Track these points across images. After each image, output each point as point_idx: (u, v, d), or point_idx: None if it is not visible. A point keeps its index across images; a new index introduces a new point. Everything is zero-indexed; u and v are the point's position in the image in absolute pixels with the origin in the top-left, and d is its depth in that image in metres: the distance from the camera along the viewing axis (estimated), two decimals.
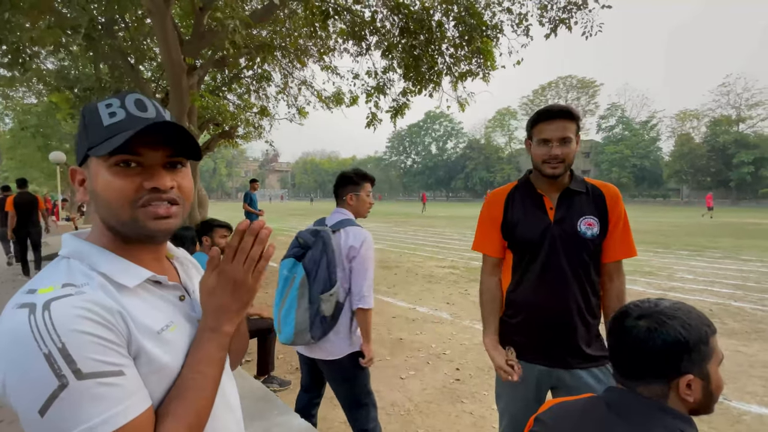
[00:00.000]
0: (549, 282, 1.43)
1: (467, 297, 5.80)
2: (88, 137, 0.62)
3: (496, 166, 59.98)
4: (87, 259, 0.62)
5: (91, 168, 0.63)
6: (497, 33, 5.54)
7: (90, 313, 0.54)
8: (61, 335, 0.51)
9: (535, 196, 1.49)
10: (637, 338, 0.76)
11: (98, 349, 0.53)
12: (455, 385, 3.17)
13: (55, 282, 0.57)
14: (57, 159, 14.10)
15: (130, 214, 0.61)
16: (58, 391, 0.50)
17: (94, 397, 0.52)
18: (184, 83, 4.52)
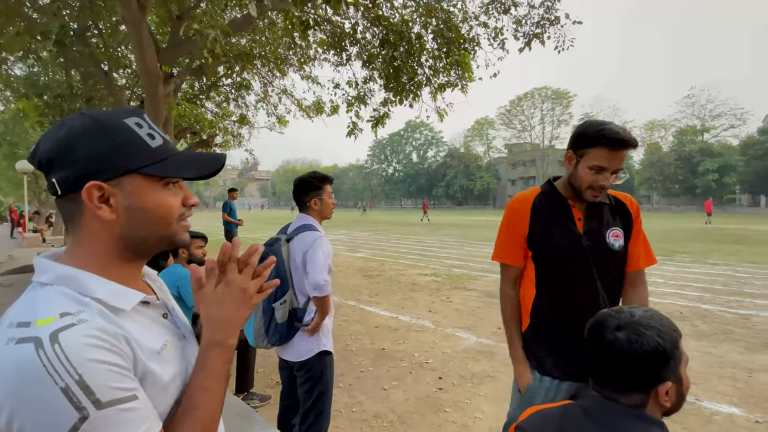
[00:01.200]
0: (580, 294, 1.38)
1: (449, 305, 5.83)
2: (131, 155, 0.61)
3: (475, 174, 61.01)
4: (76, 285, 0.59)
5: (130, 185, 0.62)
6: (474, 46, 5.68)
7: (100, 340, 0.53)
8: (77, 367, 0.50)
9: (563, 206, 1.44)
10: (619, 351, 0.77)
11: (113, 377, 0.53)
12: (438, 394, 3.17)
13: (51, 312, 0.54)
14: (24, 168, 13.51)
15: (175, 228, 0.66)
16: (79, 424, 0.49)
17: (117, 424, 0.52)
18: (161, 91, 4.43)
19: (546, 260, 1.44)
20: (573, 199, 1.43)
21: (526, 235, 1.46)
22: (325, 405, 2.04)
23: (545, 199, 1.48)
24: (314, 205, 2.08)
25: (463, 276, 7.97)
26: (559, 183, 1.49)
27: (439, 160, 69.27)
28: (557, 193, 1.46)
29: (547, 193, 1.49)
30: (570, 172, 1.40)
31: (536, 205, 1.47)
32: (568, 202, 1.44)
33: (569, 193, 1.44)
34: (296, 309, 2.00)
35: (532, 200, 1.48)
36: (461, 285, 7.13)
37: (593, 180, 1.31)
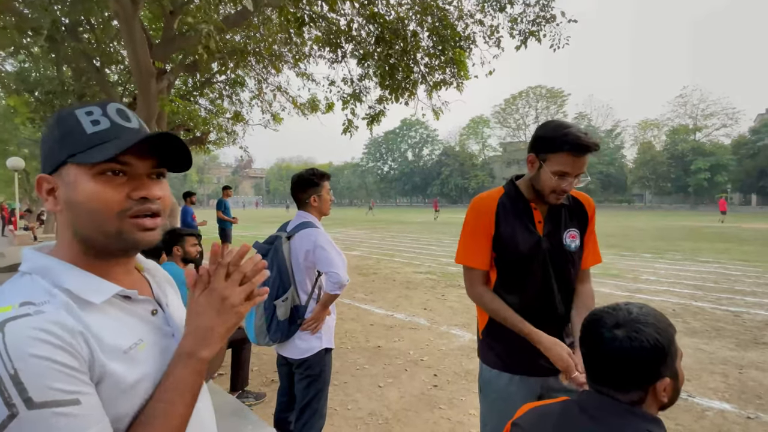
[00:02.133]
0: (538, 295, 1.40)
1: (444, 302, 5.84)
2: (66, 144, 0.58)
3: (470, 172, 61.16)
4: (50, 274, 0.58)
5: (66, 176, 0.58)
6: (470, 44, 5.68)
7: (48, 335, 0.50)
8: (14, 360, 0.47)
9: (525, 208, 1.43)
10: (618, 349, 0.76)
11: (54, 375, 0.49)
12: (433, 392, 3.18)
13: (14, 300, 0.53)
14: (15, 165, 13.33)
15: (117, 225, 0.59)
16: (7, 421, 0.46)
17: (49, 427, 0.48)
18: (153, 88, 4.38)
19: (508, 262, 1.43)
20: (535, 200, 1.43)
21: (491, 237, 1.42)
22: (320, 403, 2.04)
23: (509, 200, 1.45)
24: (313, 202, 2.08)
25: (457, 274, 7.99)
26: (522, 183, 1.47)
27: (434, 158, 69.33)
28: (520, 195, 1.45)
29: (510, 194, 1.46)
30: (533, 175, 1.38)
31: (501, 206, 1.44)
32: (530, 204, 1.43)
33: (531, 195, 1.43)
34: (297, 306, 2.00)
35: (497, 201, 1.45)
36: (456, 283, 7.15)
37: (556, 185, 1.31)
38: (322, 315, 1.99)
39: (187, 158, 0.65)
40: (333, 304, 2.06)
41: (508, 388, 1.43)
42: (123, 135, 0.59)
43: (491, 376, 1.48)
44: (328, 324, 2.07)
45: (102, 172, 0.58)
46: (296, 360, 2.01)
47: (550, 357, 1.29)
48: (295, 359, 2.01)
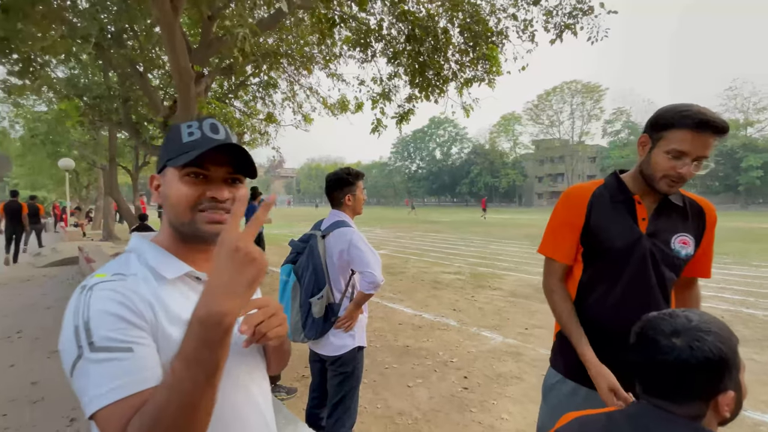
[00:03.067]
0: (633, 299, 1.25)
1: (474, 303, 5.75)
2: (167, 150, 0.74)
3: (501, 171, 59.89)
4: (141, 253, 0.73)
5: (166, 176, 0.73)
6: (502, 39, 5.55)
7: (119, 296, 0.62)
8: (90, 312, 0.60)
9: (627, 201, 1.28)
10: (678, 359, 0.71)
11: (114, 327, 0.60)
12: (463, 394, 3.14)
13: (110, 270, 0.68)
14: (66, 165, 14.22)
15: (190, 216, 0.71)
16: (77, 360, 0.58)
17: (102, 367, 0.58)
18: (192, 91, 4.55)
19: (598, 259, 1.30)
20: (642, 194, 1.27)
21: (581, 229, 1.31)
22: (353, 400, 2.05)
23: (608, 191, 1.31)
24: (348, 201, 2.09)
25: (487, 275, 7.85)
26: (627, 176, 1.33)
27: (463, 156, 68.37)
28: (623, 186, 1.30)
29: (611, 185, 1.32)
30: (642, 160, 1.24)
31: (596, 197, 1.31)
32: (633, 197, 1.28)
33: (638, 188, 1.28)
34: (332, 304, 2.02)
35: (592, 191, 1.32)
36: (486, 284, 7.02)
37: (670, 167, 1.14)
38: (355, 314, 2.00)
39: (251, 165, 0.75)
40: (365, 303, 2.07)
41: (572, 398, 1.33)
42: (208, 145, 0.70)
43: (556, 381, 1.40)
44: (361, 322, 2.08)
45: (187, 174, 0.71)
46: (330, 357, 2.03)
47: (596, 380, 1.22)
48: (329, 356, 2.03)
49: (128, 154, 14.11)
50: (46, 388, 3.29)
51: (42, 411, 2.95)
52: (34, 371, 3.61)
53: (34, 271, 8.77)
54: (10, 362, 3.78)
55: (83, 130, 10.80)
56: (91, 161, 14.80)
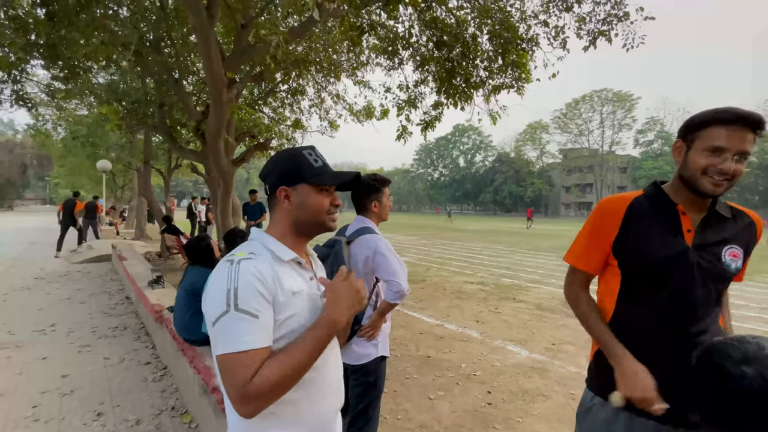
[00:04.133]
0: (677, 318, 1.17)
1: (498, 316, 5.60)
2: (304, 171, 1.00)
3: (526, 180, 58.80)
4: (263, 241, 0.99)
5: (301, 190, 1.00)
6: (533, 46, 5.45)
7: (258, 272, 0.87)
8: (239, 281, 0.85)
9: (670, 211, 1.20)
10: (750, 389, 0.64)
11: (253, 296, 0.85)
12: (487, 410, 3.03)
13: (245, 251, 0.94)
14: (103, 167, 14.90)
15: (323, 217, 1.02)
16: (223, 314, 0.83)
17: (238, 324, 0.83)
18: (225, 97, 4.68)
19: (638, 273, 1.22)
20: (686, 204, 1.20)
21: (612, 240, 1.25)
22: (375, 411, 2.01)
23: (648, 202, 1.24)
24: (374, 208, 2.06)
25: (512, 286, 7.65)
26: (668, 186, 1.26)
27: (487, 165, 67.61)
28: (664, 197, 1.22)
29: (652, 195, 1.25)
30: (680, 165, 1.18)
31: (634, 208, 1.23)
32: (677, 207, 1.20)
33: (681, 197, 1.20)
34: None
35: (630, 201, 1.25)
36: (510, 296, 6.84)
37: (710, 163, 1.09)
38: (379, 323, 1.97)
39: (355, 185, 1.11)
40: (389, 312, 2.03)
41: (611, 426, 1.23)
42: (327, 170, 1.03)
43: (594, 404, 1.29)
44: (384, 332, 2.04)
45: (320, 189, 1.01)
46: (352, 366, 1.99)
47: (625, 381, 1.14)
48: (351, 365, 2.00)
49: (162, 157, 14.65)
50: (76, 382, 3.40)
51: (71, 404, 3.04)
52: (65, 365, 3.74)
53: (70, 267, 9.17)
54: (42, 355, 3.93)
55: (121, 134, 11.29)
56: (127, 163, 15.44)
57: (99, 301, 6.09)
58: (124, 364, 3.75)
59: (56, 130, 15.86)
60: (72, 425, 2.76)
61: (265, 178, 1.04)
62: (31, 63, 5.97)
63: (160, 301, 4.18)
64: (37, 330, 4.69)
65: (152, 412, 2.92)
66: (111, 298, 6.30)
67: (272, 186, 1.02)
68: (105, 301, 6.10)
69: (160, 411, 2.93)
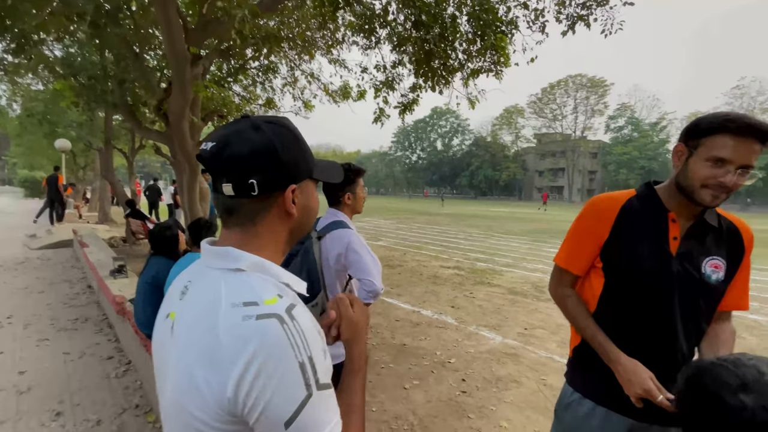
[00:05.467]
0: (652, 325, 1.16)
1: (472, 301, 5.66)
2: (309, 162, 0.71)
3: (502, 164, 59.58)
4: (268, 271, 0.64)
5: (306, 187, 0.71)
6: (512, 29, 5.34)
7: (315, 324, 0.60)
8: (310, 345, 0.55)
9: (660, 217, 1.17)
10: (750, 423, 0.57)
11: (325, 361, 0.58)
12: (461, 398, 3.05)
13: (271, 294, 0.58)
14: (62, 146, 13.98)
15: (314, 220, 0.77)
16: (305, 401, 0.53)
17: (326, 407, 0.56)
18: (188, 74, 4.36)
19: (621, 279, 1.20)
20: (678, 210, 1.16)
21: (602, 243, 1.21)
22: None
23: (640, 204, 1.19)
24: (347, 200, 1.94)
25: (487, 270, 7.75)
26: (662, 188, 1.21)
27: (464, 148, 67.96)
28: (656, 200, 1.19)
29: (644, 197, 1.20)
30: (678, 171, 1.12)
31: (626, 210, 1.19)
32: (667, 213, 1.16)
33: (673, 203, 1.16)
34: (327, 312, 1.89)
35: (623, 203, 1.20)
36: (485, 280, 6.93)
37: (710, 175, 1.03)
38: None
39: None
40: None
41: (588, 420, 1.24)
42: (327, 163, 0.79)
43: (572, 400, 1.30)
44: None
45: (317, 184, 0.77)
46: None
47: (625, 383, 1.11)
48: None
49: (124, 137, 13.86)
50: (33, 379, 3.20)
51: (28, 403, 2.86)
52: (22, 360, 3.52)
53: (29, 253, 8.65)
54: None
55: (79, 112, 10.56)
56: (87, 142, 14.55)
57: (59, 290, 5.76)
58: (84, 359, 3.56)
59: (11, 107, 14.70)
60: (29, 426, 2.60)
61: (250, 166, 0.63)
62: None
63: (123, 291, 3.96)
64: None
65: (115, 411, 2.77)
66: (72, 287, 5.97)
67: (272, 183, 0.64)
68: (65, 290, 5.77)
69: (123, 410, 2.79)
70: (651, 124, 52.86)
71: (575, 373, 1.34)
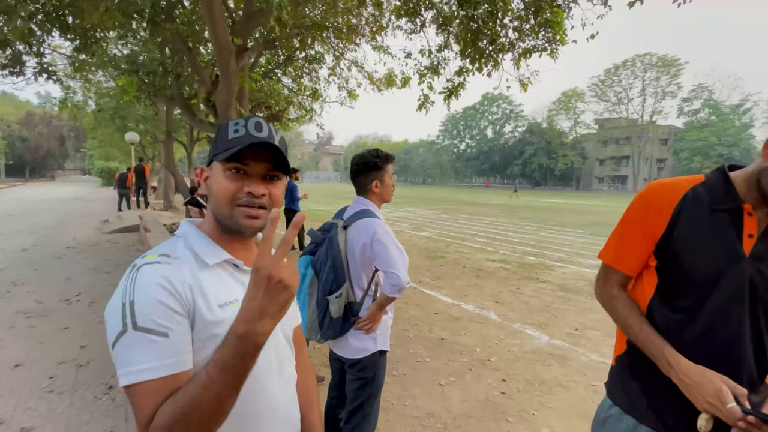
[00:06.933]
0: (712, 341, 0.95)
1: (518, 296, 5.36)
2: (216, 146, 0.79)
3: (558, 152, 56.31)
4: (187, 239, 0.79)
5: (213, 170, 0.80)
6: (569, 2, 4.87)
7: (164, 281, 0.68)
8: (135, 293, 0.66)
9: (733, 209, 0.96)
10: None
11: (156, 311, 0.66)
12: (500, 399, 2.86)
13: (158, 252, 0.75)
14: (131, 139, 15.22)
15: (229, 210, 0.77)
16: (120, 335, 0.65)
17: (141, 346, 0.64)
18: (233, 65, 4.46)
19: (677, 282, 1.00)
20: (755, 203, 0.95)
21: (658, 238, 1.01)
22: (372, 408, 1.87)
23: (707, 193, 0.98)
24: (375, 188, 1.84)
25: (536, 265, 7.33)
26: (739, 176, 0.98)
27: (517, 135, 64.98)
28: (729, 189, 0.97)
29: (714, 185, 0.99)
30: (764, 167, 0.92)
31: (688, 199, 0.98)
32: (743, 206, 0.95)
33: (752, 195, 0.95)
34: (352, 303, 1.81)
35: (685, 191, 0.99)
36: (534, 275, 6.55)
37: None
38: (377, 316, 1.78)
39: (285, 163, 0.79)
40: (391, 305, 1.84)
41: None
42: (249, 142, 0.75)
43: (611, 415, 1.13)
44: (385, 324, 1.86)
45: (229, 168, 0.76)
46: (349, 360, 1.84)
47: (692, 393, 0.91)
48: (348, 359, 1.84)
49: (183, 129, 14.76)
50: (93, 353, 3.47)
51: (85, 375, 3.10)
52: (85, 335, 3.83)
53: (101, 237, 9.52)
54: (65, 324, 4.04)
55: (145, 106, 11.35)
56: (153, 135, 15.69)
57: (123, 271, 6.21)
58: None
59: (87, 103, 16.18)
60: (83, 398, 2.81)
61: None
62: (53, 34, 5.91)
63: None
64: (63, 299, 4.84)
65: None
66: None
67: None
68: None
69: None
70: (732, 107, 47.28)
71: (616, 384, 1.16)
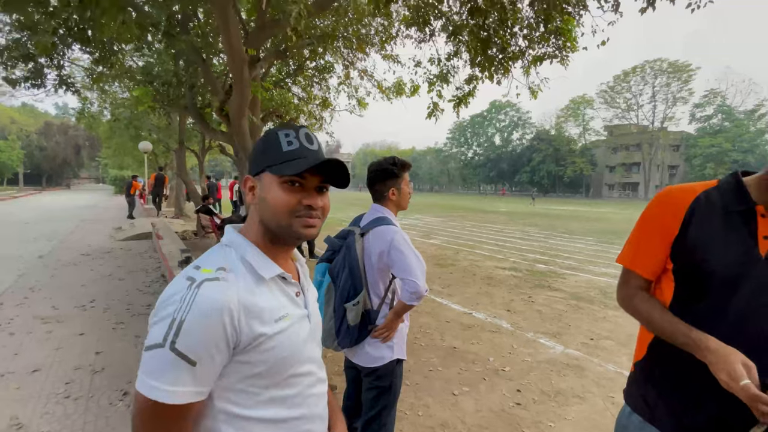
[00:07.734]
0: (735, 340, 0.92)
1: (531, 305, 5.29)
2: (267, 157, 0.79)
3: (567, 159, 55.85)
4: (239, 248, 0.79)
5: (263, 180, 0.79)
6: (580, 9, 4.87)
7: (225, 313, 0.68)
8: (189, 314, 0.66)
9: (746, 211, 0.96)
10: None
11: (201, 338, 0.66)
12: (515, 410, 2.82)
13: (214, 265, 0.74)
14: (145, 148, 15.53)
15: (288, 221, 0.78)
16: (155, 346, 0.66)
17: (170, 367, 0.65)
18: (246, 74, 4.54)
19: (693, 285, 0.99)
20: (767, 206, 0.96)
21: (673, 240, 1.01)
22: (389, 417, 1.85)
23: (720, 196, 0.99)
24: (392, 196, 1.85)
25: (547, 273, 7.25)
26: (753, 180, 0.99)
27: (524, 143, 64.70)
28: (742, 192, 0.98)
29: (727, 189, 1.00)
30: None
31: (700, 202, 0.99)
32: (756, 207, 0.95)
33: (765, 197, 0.95)
34: (369, 311, 1.80)
35: (697, 194, 1.01)
36: (545, 283, 6.47)
37: None
38: (395, 324, 1.78)
39: (346, 178, 0.82)
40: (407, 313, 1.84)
41: None
42: (306, 155, 0.77)
43: (630, 423, 1.11)
44: (402, 332, 1.85)
45: (286, 181, 0.77)
46: (365, 368, 1.84)
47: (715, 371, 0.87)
48: (364, 367, 1.84)
49: (195, 138, 15.00)
50: (108, 359, 3.50)
51: (100, 381, 3.12)
52: (100, 341, 3.87)
53: (114, 244, 9.66)
54: (80, 330, 4.09)
55: (159, 116, 11.58)
56: (165, 144, 15.97)
57: (136, 278, 6.33)
58: None
59: (102, 113, 16.56)
60: (99, 404, 2.83)
61: None
62: (73, 48, 6.08)
63: None
64: (78, 306, 4.91)
65: None
66: (147, 275, 6.53)
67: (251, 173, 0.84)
68: (141, 278, 6.33)
69: None
70: (746, 112, 46.54)
71: (635, 392, 1.13)
